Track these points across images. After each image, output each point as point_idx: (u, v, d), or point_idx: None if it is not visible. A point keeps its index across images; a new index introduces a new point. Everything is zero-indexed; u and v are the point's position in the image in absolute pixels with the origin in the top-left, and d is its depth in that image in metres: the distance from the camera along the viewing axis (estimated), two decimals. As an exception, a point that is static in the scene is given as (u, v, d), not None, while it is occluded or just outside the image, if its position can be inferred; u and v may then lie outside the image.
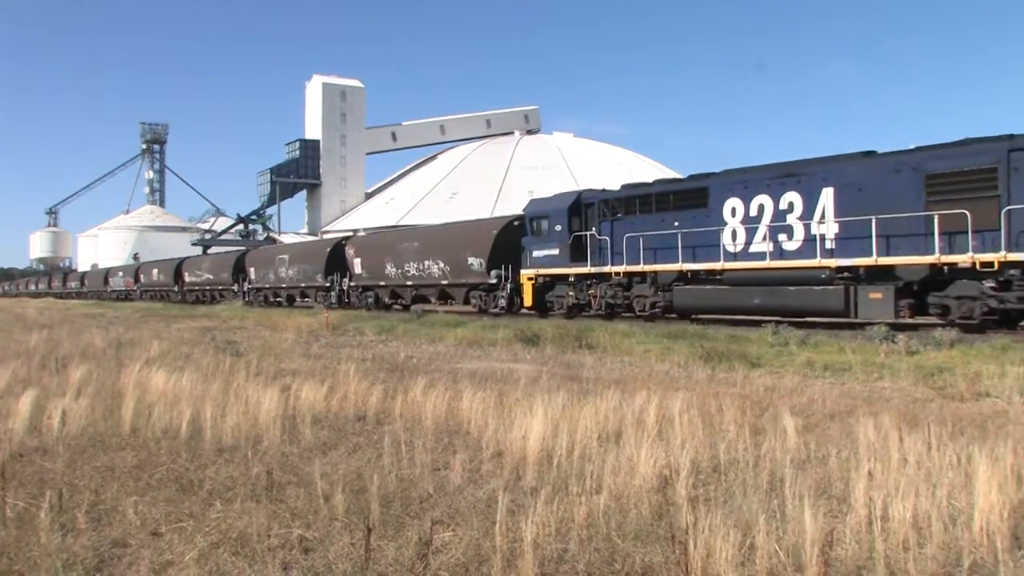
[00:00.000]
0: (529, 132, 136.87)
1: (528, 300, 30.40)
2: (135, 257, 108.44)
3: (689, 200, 24.66)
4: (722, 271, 23.43)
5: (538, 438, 7.29)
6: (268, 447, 8.00)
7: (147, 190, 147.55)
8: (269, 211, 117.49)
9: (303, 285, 48.72)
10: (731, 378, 13.11)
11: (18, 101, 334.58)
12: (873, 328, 18.30)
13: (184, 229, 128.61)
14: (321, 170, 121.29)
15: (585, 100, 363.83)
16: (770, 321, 20.38)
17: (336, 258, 45.38)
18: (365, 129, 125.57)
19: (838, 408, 9.99)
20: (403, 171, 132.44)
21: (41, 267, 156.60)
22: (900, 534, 4.95)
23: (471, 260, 34.16)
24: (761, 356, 15.75)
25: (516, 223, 33.03)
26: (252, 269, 55.98)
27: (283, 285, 51.12)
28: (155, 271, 74.10)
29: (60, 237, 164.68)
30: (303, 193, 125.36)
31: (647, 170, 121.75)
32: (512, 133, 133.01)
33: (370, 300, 42.27)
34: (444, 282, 36.43)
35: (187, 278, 66.33)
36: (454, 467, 6.99)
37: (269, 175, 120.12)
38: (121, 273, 79.15)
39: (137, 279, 75.94)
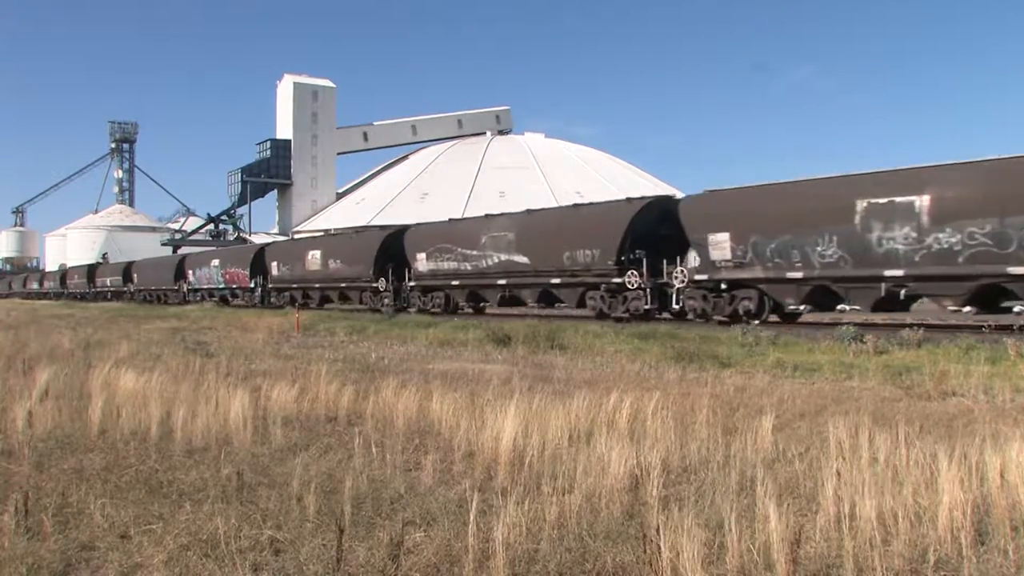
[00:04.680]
0: (501, 132, 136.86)
1: None
2: (104, 257, 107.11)
3: None
4: None
5: (510, 438, 7.30)
6: (238, 448, 7.96)
7: (116, 189, 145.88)
8: (240, 211, 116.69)
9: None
10: (702, 378, 13.18)
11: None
12: (842, 328, 18.49)
13: (154, 229, 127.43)
14: (292, 170, 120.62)
15: (558, 101, 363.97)
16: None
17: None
18: (336, 129, 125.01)
19: (808, 408, 10.08)
20: (374, 171, 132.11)
21: (8, 267, 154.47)
22: (868, 532, 5.00)
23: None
24: (731, 356, 15.85)
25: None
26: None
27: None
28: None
29: (27, 236, 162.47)
30: (274, 193, 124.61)
31: (619, 171, 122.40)
32: (484, 134, 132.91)
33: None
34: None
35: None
36: (426, 468, 6.99)
37: (240, 175, 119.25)
38: (217, 262, 56.54)
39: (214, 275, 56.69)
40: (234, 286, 52.81)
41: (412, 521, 5.56)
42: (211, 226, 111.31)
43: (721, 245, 23.78)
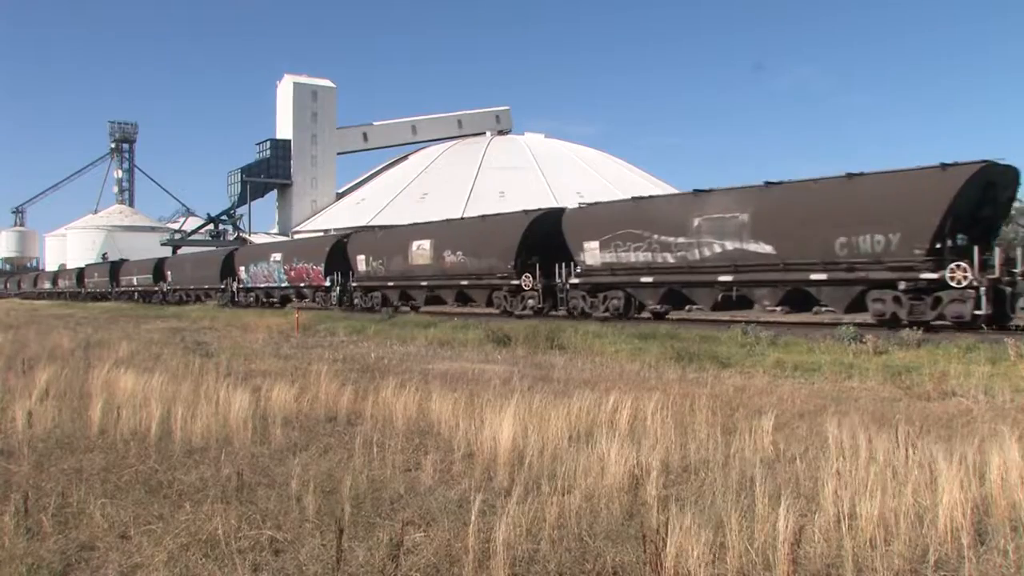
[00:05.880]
0: (500, 133, 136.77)
1: None
2: (104, 257, 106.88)
3: None
4: None
5: (509, 438, 7.30)
6: (238, 448, 7.96)
7: (116, 189, 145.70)
8: (240, 211, 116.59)
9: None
10: (701, 378, 13.18)
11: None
12: (841, 328, 18.48)
13: (154, 229, 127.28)
14: (292, 170, 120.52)
15: (556, 101, 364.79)
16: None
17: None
18: (336, 129, 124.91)
19: (807, 408, 10.07)
20: (374, 171, 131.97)
21: (8, 267, 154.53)
22: (868, 532, 5.01)
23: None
24: (731, 356, 15.84)
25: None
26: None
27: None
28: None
29: (27, 236, 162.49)
30: (274, 193, 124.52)
31: (619, 171, 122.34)
32: (483, 134, 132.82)
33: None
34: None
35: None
36: (425, 468, 6.99)
37: (240, 175, 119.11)
38: (278, 256, 47.23)
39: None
40: (302, 285, 43.93)
41: (412, 521, 5.56)
42: (211, 226, 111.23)
43: None
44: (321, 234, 37.13)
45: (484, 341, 20.52)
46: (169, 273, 62.53)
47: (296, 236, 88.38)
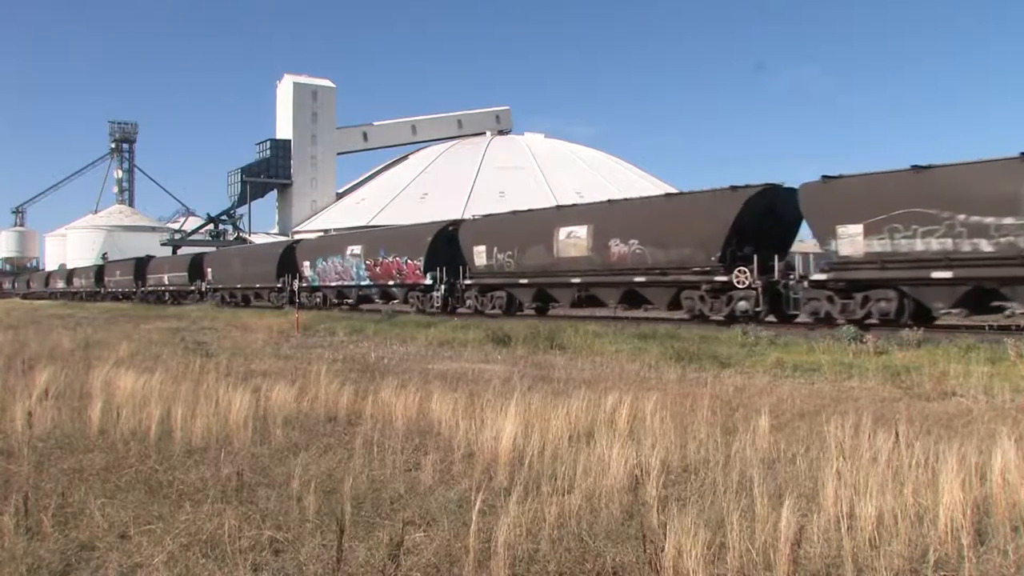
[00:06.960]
0: (500, 133, 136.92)
1: None
2: (104, 257, 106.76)
3: None
4: None
5: (509, 438, 7.29)
6: (238, 448, 7.95)
7: (116, 189, 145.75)
8: (239, 211, 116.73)
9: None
10: (701, 378, 13.17)
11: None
12: (842, 328, 18.47)
13: (154, 229, 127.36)
14: (292, 170, 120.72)
15: (558, 101, 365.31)
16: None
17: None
18: (336, 129, 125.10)
19: (807, 407, 10.07)
20: (374, 171, 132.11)
21: (8, 267, 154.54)
22: (868, 532, 5.00)
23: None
24: (731, 356, 15.84)
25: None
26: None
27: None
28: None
29: (27, 236, 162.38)
30: (274, 193, 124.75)
31: (619, 171, 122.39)
32: (483, 134, 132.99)
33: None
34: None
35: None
36: (425, 468, 6.98)
37: (240, 175, 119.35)
38: (358, 248, 39.85)
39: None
40: (390, 283, 36.75)
41: (412, 521, 5.56)
42: (211, 226, 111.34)
43: None
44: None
45: (484, 341, 20.51)
46: (210, 270, 55.20)
47: (296, 235, 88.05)
